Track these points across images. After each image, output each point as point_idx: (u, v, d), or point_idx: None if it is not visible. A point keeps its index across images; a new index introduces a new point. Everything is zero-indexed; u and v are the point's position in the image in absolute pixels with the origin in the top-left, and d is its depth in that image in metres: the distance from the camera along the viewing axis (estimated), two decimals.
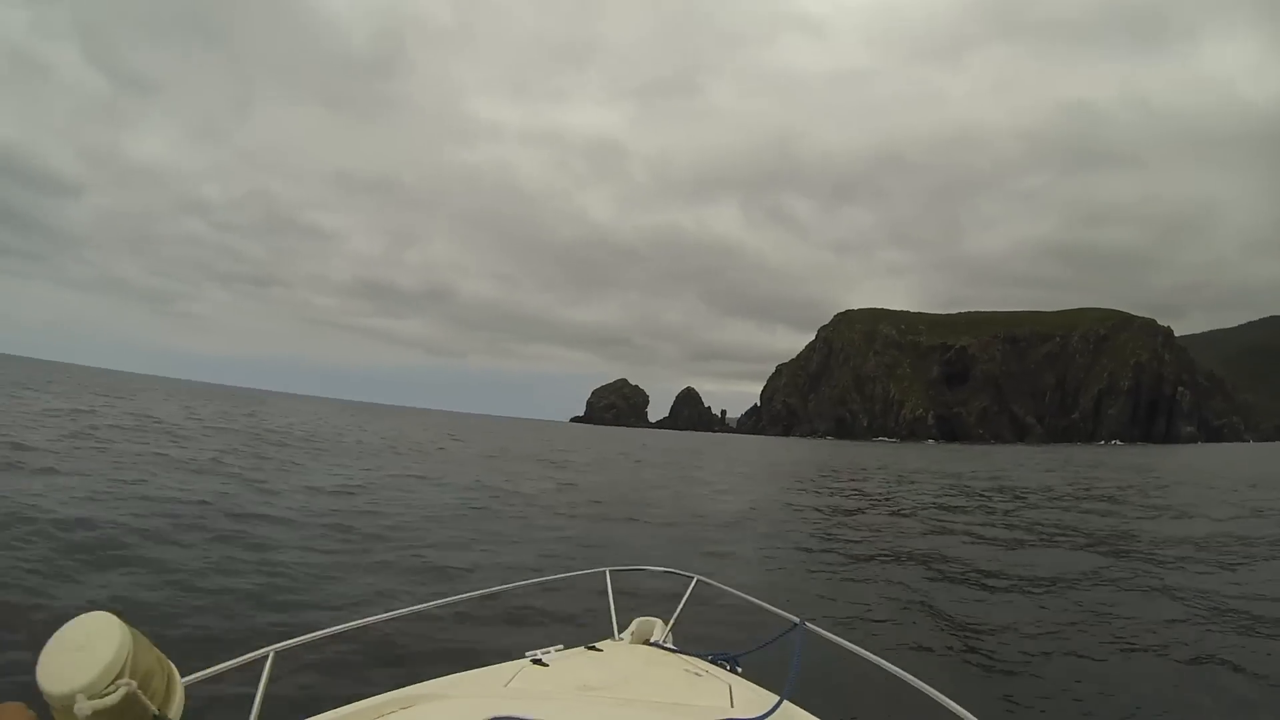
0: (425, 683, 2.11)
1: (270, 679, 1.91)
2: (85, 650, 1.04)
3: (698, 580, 3.51)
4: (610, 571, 3.44)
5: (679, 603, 3.40)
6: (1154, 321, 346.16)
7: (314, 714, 1.78)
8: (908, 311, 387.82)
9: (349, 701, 1.87)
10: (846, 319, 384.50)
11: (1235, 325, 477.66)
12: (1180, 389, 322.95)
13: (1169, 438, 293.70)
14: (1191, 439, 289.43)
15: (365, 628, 2.49)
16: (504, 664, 2.37)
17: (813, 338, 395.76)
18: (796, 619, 2.72)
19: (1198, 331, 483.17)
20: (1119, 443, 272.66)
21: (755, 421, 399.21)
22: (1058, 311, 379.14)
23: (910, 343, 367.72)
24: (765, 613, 3.21)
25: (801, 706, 2.10)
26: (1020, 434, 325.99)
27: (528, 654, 2.44)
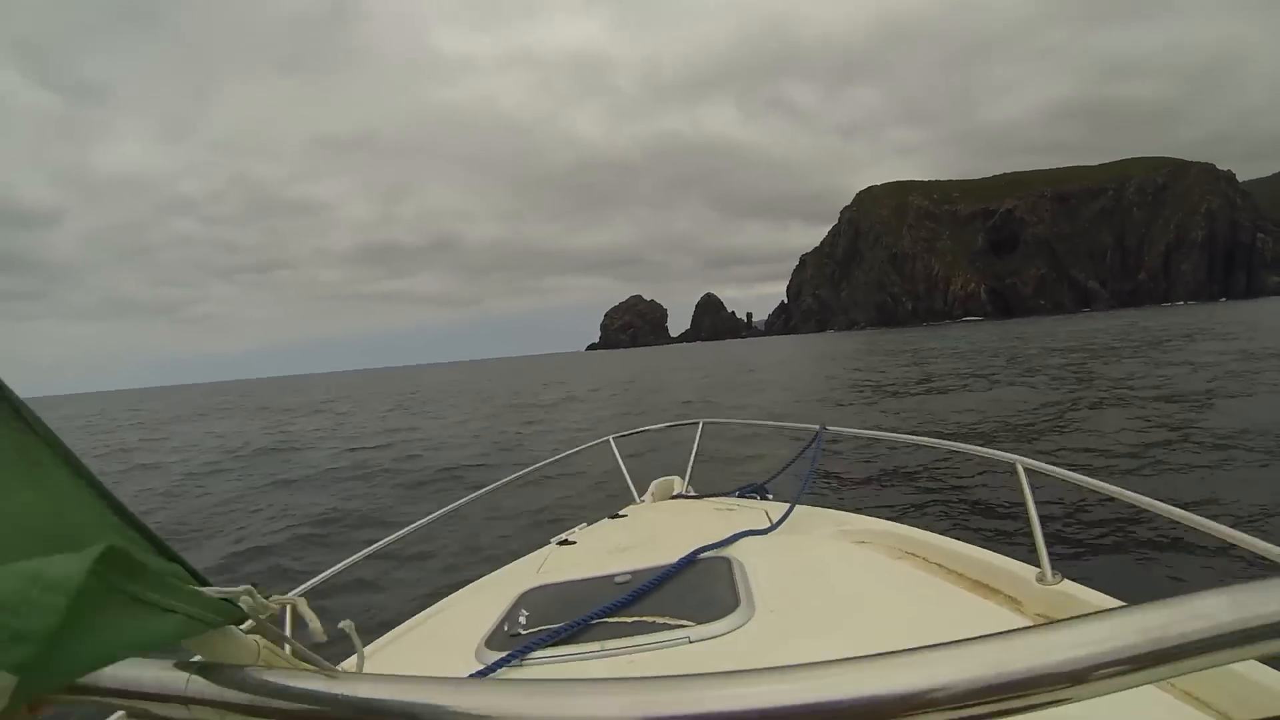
0: (454, 594, 2.05)
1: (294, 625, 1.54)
2: None
3: (704, 423, 3.39)
4: (614, 439, 3.37)
5: (691, 452, 3.33)
6: (1214, 166, 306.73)
7: (345, 653, 1.54)
8: (939, 180, 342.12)
9: (379, 633, 1.78)
10: (871, 195, 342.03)
11: (1269, 175, 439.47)
12: (1259, 235, 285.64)
13: (1251, 292, 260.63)
14: (1278, 290, 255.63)
15: (374, 554, 2.17)
16: (530, 554, 2.28)
17: (834, 224, 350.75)
18: (817, 426, 2.61)
19: None
20: (1194, 303, 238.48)
21: (784, 321, 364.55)
22: (1103, 164, 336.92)
23: (947, 212, 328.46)
24: (784, 432, 3.19)
25: (822, 505, 2.10)
26: (1083, 301, 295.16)
27: (553, 539, 2.37)
